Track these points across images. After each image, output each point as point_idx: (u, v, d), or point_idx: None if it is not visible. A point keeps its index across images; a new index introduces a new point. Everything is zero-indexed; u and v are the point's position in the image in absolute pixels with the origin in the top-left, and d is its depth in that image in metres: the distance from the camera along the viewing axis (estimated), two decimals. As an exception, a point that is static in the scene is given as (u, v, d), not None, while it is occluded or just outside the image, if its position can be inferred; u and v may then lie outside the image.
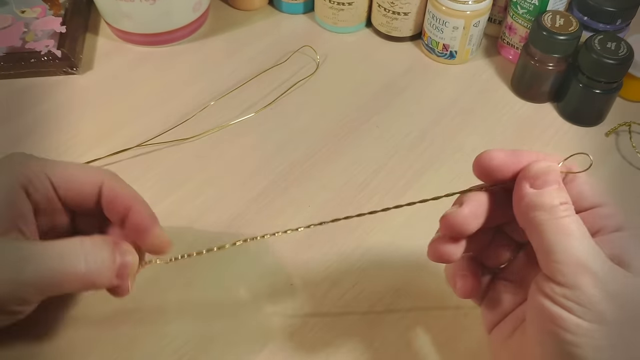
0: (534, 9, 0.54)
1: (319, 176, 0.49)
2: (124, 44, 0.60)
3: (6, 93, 0.54)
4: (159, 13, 0.56)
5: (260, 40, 0.61)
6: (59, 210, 0.34)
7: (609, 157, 0.51)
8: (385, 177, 0.49)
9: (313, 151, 0.50)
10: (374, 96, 0.55)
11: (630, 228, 0.29)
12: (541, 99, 0.55)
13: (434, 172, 0.49)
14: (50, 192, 0.33)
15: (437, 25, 0.56)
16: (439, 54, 0.58)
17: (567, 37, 0.49)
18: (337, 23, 0.61)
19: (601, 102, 0.52)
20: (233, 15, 0.63)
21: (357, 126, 0.53)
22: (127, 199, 0.34)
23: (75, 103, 0.54)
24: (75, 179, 0.34)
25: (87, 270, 0.30)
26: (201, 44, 0.60)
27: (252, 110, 0.53)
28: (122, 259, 0.32)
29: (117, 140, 0.50)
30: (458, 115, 0.54)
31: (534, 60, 0.52)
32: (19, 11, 0.58)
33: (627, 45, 0.49)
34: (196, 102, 0.54)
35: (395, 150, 0.51)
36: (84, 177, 0.34)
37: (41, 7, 0.58)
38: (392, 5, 0.57)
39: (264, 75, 0.56)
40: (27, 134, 0.51)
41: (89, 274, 0.30)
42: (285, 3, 0.63)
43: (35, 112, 0.53)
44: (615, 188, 0.49)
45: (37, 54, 0.54)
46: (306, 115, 0.53)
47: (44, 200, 0.33)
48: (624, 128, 0.52)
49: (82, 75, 0.57)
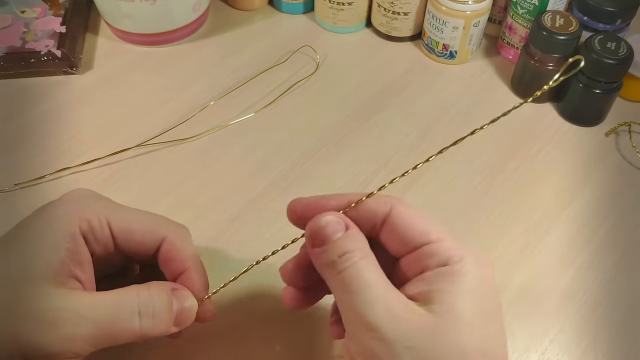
0: (534, 9, 0.54)
1: (319, 176, 0.49)
2: (124, 44, 0.60)
3: (6, 93, 0.54)
4: (159, 13, 0.56)
5: (260, 40, 0.61)
6: (113, 258, 0.33)
7: (609, 157, 0.51)
8: (385, 177, 0.49)
9: (313, 151, 0.50)
10: (374, 96, 0.55)
11: (460, 261, 0.27)
12: (541, 99, 0.55)
13: (434, 172, 0.49)
14: (109, 241, 0.32)
15: (437, 25, 0.56)
16: (439, 54, 0.58)
17: (567, 37, 0.49)
18: (337, 23, 0.61)
19: (601, 102, 0.52)
20: (233, 15, 0.63)
21: (357, 126, 0.53)
22: (185, 263, 0.32)
23: (75, 103, 0.54)
24: (138, 232, 0.32)
25: (142, 325, 0.29)
26: (201, 44, 0.60)
27: (252, 110, 0.53)
28: (180, 306, 0.30)
29: (117, 140, 0.50)
30: (458, 115, 0.54)
31: (534, 60, 0.52)
32: (19, 11, 0.58)
33: (627, 45, 0.49)
34: (196, 102, 0.54)
35: (395, 150, 0.51)
36: (146, 229, 0.32)
37: (41, 7, 0.58)
38: (392, 5, 0.57)
39: (264, 75, 0.56)
40: (27, 134, 0.51)
41: (145, 329, 0.29)
42: (285, 3, 0.63)
43: (35, 112, 0.53)
44: (615, 188, 0.49)
45: (37, 54, 0.54)
46: (306, 115, 0.53)
47: (102, 248, 0.31)
48: (624, 128, 0.52)
49: (82, 75, 0.56)
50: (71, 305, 0.28)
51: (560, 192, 0.48)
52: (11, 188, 0.47)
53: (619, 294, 0.42)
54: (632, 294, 0.42)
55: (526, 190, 0.48)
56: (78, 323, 0.27)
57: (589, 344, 0.40)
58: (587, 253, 0.44)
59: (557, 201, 0.48)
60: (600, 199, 0.48)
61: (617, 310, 0.41)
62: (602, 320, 0.41)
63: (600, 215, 0.47)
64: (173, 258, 0.32)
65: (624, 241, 0.45)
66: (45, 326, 0.27)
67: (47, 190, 0.47)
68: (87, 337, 0.27)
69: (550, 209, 0.47)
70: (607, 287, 0.42)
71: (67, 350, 0.27)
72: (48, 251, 0.29)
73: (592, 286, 0.43)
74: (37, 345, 0.27)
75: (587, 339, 0.40)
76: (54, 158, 0.49)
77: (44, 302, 0.27)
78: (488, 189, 0.48)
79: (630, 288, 0.43)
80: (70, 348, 0.27)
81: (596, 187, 0.49)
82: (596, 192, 0.48)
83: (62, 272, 0.28)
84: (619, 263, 0.44)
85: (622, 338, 0.40)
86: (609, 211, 0.47)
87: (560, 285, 0.42)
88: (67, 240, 0.29)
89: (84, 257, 0.30)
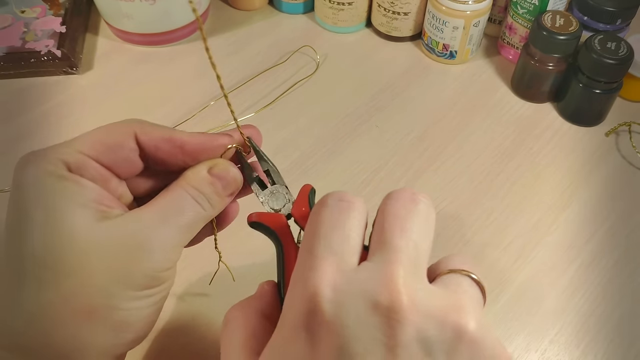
0: (534, 9, 0.54)
1: (319, 176, 0.49)
2: (124, 44, 0.60)
3: (6, 93, 0.54)
4: (159, 13, 0.56)
5: (260, 40, 0.61)
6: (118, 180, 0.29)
7: (609, 157, 0.51)
8: (385, 177, 0.49)
9: (313, 151, 0.50)
10: (373, 96, 0.55)
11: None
12: (541, 99, 0.55)
13: (434, 172, 0.49)
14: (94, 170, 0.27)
15: (437, 25, 0.56)
16: (439, 54, 0.58)
17: (567, 37, 0.49)
18: (337, 23, 0.61)
19: (601, 102, 0.52)
20: (233, 15, 0.63)
21: (357, 126, 0.53)
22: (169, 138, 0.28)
23: (75, 103, 0.54)
24: (110, 146, 0.27)
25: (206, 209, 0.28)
26: (201, 44, 0.60)
27: (252, 110, 0.53)
28: (223, 179, 0.29)
29: (117, 140, 0.50)
30: (458, 115, 0.54)
31: (534, 60, 0.52)
32: (18, 11, 0.58)
33: (627, 45, 0.49)
34: (196, 102, 0.54)
35: (395, 150, 0.51)
36: (114, 139, 0.28)
37: (41, 7, 0.58)
38: (392, 5, 0.57)
39: (264, 75, 0.56)
40: (27, 134, 0.51)
41: (209, 212, 0.28)
42: (285, 3, 0.63)
43: (35, 112, 0.53)
44: (615, 188, 0.49)
45: (37, 53, 0.54)
46: (306, 115, 0.53)
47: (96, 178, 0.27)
48: (624, 128, 0.52)
49: (82, 75, 0.57)
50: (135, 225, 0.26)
51: (560, 192, 0.48)
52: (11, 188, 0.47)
53: (619, 294, 0.42)
54: (632, 294, 0.42)
55: (526, 190, 0.48)
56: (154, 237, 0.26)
57: (588, 344, 0.40)
58: (587, 253, 0.44)
59: (557, 201, 0.48)
60: (600, 199, 0.48)
61: (617, 310, 0.41)
62: (602, 320, 0.41)
63: (600, 215, 0.47)
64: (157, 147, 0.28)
65: (624, 241, 0.45)
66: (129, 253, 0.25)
67: (47, 190, 0.47)
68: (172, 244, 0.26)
69: (550, 209, 0.47)
70: (607, 287, 0.42)
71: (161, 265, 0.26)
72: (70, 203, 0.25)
73: (592, 286, 0.43)
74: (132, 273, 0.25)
75: (587, 339, 0.40)
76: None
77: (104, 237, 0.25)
78: (488, 189, 0.48)
79: (630, 288, 0.43)
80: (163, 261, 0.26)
81: (596, 187, 0.49)
82: (596, 192, 0.48)
83: (96, 211, 0.25)
84: (619, 263, 0.44)
85: (622, 338, 0.40)
86: (609, 211, 0.47)
87: (560, 285, 0.42)
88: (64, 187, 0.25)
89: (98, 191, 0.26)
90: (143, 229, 0.26)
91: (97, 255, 0.24)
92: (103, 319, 0.25)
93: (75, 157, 0.26)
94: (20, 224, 0.25)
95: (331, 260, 0.23)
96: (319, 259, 0.23)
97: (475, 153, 0.51)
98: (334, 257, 0.23)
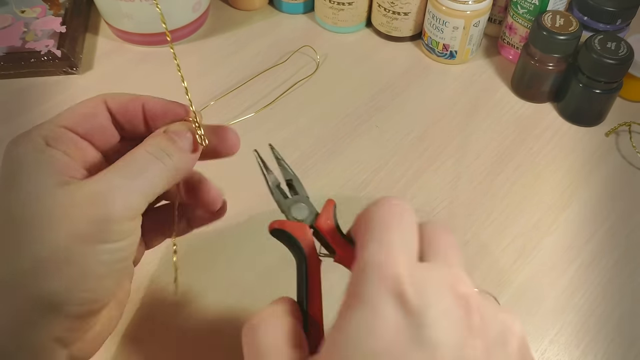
0: (534, 9, 0.54)
1: (319, 176, 0.49)
2: (124, 44, 0.60)
3: (6, 93, 0.54)
4: (159, 13, 0.56)
5: (260, 40, 0.61)
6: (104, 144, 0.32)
7: (609, 157, 0.51)
8: (385, 177, 0.49)
9: (313, 151, 0.50)
10: (373, 96, 0.55)
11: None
12: (541, 99, 0.55)
13: (434, 172, 0.49)
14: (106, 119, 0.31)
15: (437, 25, 0.56)
16: (439, 54, 0.58)
17: (567, 37, 0.49)
18: (337, 23, 0.61)
19: (601, 102, 0.52)
20: (233, 15, 0.63)
21: (357, 126, 0.53)
22: (163, 105, 0.33)
23: (75, 103, 0.54)
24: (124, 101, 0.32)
25: (167, 163, 0.29)
26: (201, 44, 0.60)
27: (252, 110, 0.53)
28: (182, 132, 0.31)
29: (117, 140, 0.50)
30: (458, 115, 0.54)
31: (534, 60, 0.52)
32: (18, 11, 0.58)
33: (627, 45, 0.49)
34: (196, 102, 0.53)
35: (395, 150, 0.51)
36: (128, 97, 0.32)
37: (41, 7, 0.58)
38: (392, 5, 0.57)
39: (264, 75, 0.56)
40: (27, 134, 0.51)
41: (176, 162, 0.29)
42: (285, 3, 0.63)
43: (35, 112, 0.53)
44: (616, 188, 0.49)
45: (37, 53, 0.54)
46: (306, 115, 0.53)
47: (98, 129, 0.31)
48: (624, 128, 0.52)
49: (82, 75, 0.57)
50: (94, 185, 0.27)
51: (560, 192, 0.48)
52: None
53: (619, 294, 0.42)
54: (632, 294, 0.42)
55: (526, 190, 0.48)
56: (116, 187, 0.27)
57: (588, 344, 0.40)
58: (587, 253, 0.44)
59: (557, 201, 0.48)
60: (600, 199, 0.48)
61: (617, 310, 0.41)
62: (602, 320, 0.41)
63: (600, 215, 0.47)
64: (157, 108, 0.32)
65: (624, 241, 0.45)
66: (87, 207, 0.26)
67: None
68: (129, 192, 0.27)
69: (550, 209, 0.47)
70: (607, 287, 0.42)
71: (124, 214, 0.27)
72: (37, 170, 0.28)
73: (592, 286, 0.43)
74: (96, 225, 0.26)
75: (586, 339, 0.40)
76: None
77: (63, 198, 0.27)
78: (488, 189, 0.48)
79: (630, 288, 0.43)
80: (126, 209, 0.27)
81: (596, 187, 0.49)
82: (596, 192, 0.48)
83: (63, 173, 0.28)
84: (619, 263, 0.44)
85: (622, 338, 0.40)
86: (609, 211, 0.47)
87: (560, 285, 0.42)
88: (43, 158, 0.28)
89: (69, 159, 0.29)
90: (101, 187, 0.27)
91: (57, 215, 0.26)
92: (58, 273, 0.26)
93: (55, 131, 0.29)
94: (2, 190, 0.28)
95: (404, 252, 0.24)
96: (394, 248, 0.23)
97: (475, 153, 0.51)
98: (405, 249, 0.24)
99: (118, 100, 0.31)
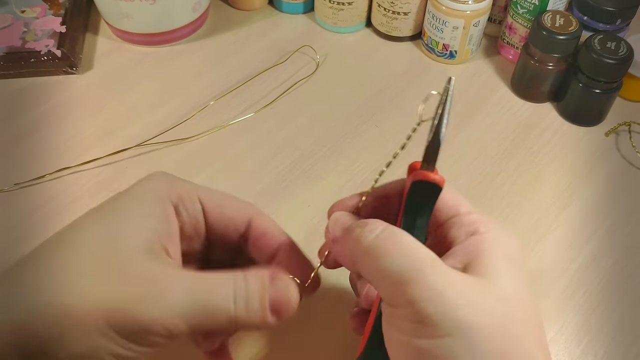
0: (534, 9, 0.54)
1: (319, 176, 0.49)
2: (124, 44, 0.60)
3: (6, 93, 0.54)
4: (159, 13, 0.56)
5: (260, 40, 0.61)
6: (199, 237, 0.31)
7: (609, 157, 0.51)
8: (385, 177, 0.49)
9: (313, 151, 0.50)
10: (373, 96, 0.55)
11: (488, 230, 0.28)
12: (541, 99, 0.55)
13: (434, 171, 0.49)
14: (200, 216, 0.30)
15: (437, 25, 0.56)
16: (439, 54, 0.58)
17: (567, 37, 0.49)
18: (337, 23, 0.61)
19: (601, 102, 0.52)
20: (233, 15, 0.63)
21: (357, 126, 0.53)
22: (278, 235, 0.31)
23: (75, 103, 0.54)
24: (228, 208, 0.31)
25: (237, 309, 0.26)
26: (201, 44, 0.60)
27: (252, 110, 0.53)
28: (277, 296, 0.28)
29: (117, 140, 0.50)
30: (458, 115, 0.54)
31: (533, 60, 0.52)
32: (18, 11, 0.58)
33: (627, 45, 0.49)
34: (196, 102, 0.54)
35: (395, 150, 0.51)
36: (236, 207, 0.31)
37: (41, 7, 0.58)
38: (392, 5, 0.57)
39: (264, 75, 0.56)
40: (27, 134, 0.51)
41: (240, 314, 0.27)
42: (285, 3, 0.63)
43: (35, 112, 0.53)
44: (615, 188, 0.49)
45: (37, 53, 0.54)
46: (306, 115, 0.53)
47: (191, 223, 0.30)
48: (624, 128, 0.52)
49: (82, 75, 0.56)
50: (166, 275, 0.26)
51: (560, 191, 0.48)
52: (11, 188, 0.47)
53: (619, 294, 0.42)
54: (632, 294, 0.42)
55: (526, 190, 0.48)
56: (172, 294, 0.25)
57: (588, 344, 0.40)
58: (587, 252, 0.44)
59: (557, 201, 0.48)
60: (600, 198, 0.48)
61: (617, 310, 0.41)
62: (602, 320, 0.41)
63: (600, 215, 0.47)
64: (265, 234, 0.31)
65: (624, 241, 0.45)
66: (138, 294, 0.25)
67: (47, 190, 0.47)
68: (180, 310, 0.25)
69: (550, 209, 0.47)
70: (607, 287, 0.42)
71: (159, 322, 0.25)
72: (140, 221, 0.27)
73: (592, 286, 0.43)
74: (128, 312, 0.24)
75: (587, 338, 0.40)
76: (53, 158, 0.49)
77: (139, 271, 0.25)
78: (488, 188, 0.48)
79: (630, 288, 0.43)
80: (162, 320, 0.25)
81: (596, 186, 0.49)
82: (596, 192, 0.48)
83: (155, 243, 0.27)
84: (619, 263, 0.44)
85: (622, 338, 0.40)
86: (609, 211, 0.47)
87: (561, 285, 0.42)
88: (158, 211, 0.27)
89: (173, 228, 0.28)
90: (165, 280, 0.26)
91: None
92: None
93: (190, 197, 0.29)
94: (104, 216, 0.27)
95: None
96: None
97: (475, 153, 0.51)
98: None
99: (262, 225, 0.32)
